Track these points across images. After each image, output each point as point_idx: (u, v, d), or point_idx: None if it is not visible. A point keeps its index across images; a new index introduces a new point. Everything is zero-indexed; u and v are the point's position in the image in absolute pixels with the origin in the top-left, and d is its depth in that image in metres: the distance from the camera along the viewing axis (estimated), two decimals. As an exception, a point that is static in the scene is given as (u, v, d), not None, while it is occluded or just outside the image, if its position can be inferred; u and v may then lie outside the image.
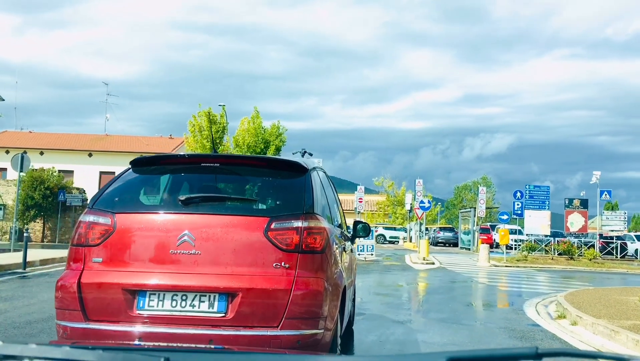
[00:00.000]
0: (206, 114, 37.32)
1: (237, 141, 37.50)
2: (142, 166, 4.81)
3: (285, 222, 4.17)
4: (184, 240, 4.10)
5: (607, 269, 25.40)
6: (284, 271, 4.05)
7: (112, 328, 3.98)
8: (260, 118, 38.17)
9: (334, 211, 5.60)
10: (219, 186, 4.84)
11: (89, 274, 4.12)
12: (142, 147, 53.32)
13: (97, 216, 4.26)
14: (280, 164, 4.82)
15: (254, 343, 3.90)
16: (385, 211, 67.81)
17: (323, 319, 4.09)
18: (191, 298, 4.00)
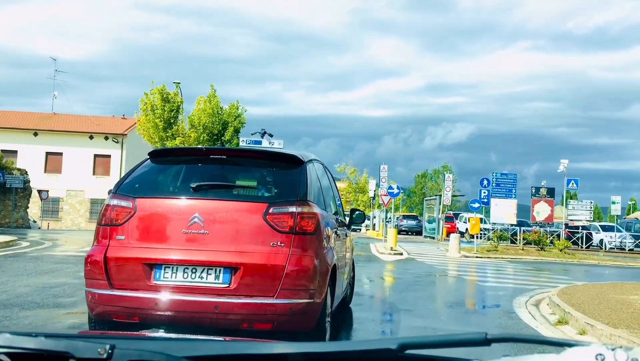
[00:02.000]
0: (159, 91, 34.92)
1: (193, 121, 35.26)
2: (159, 156, 5.56)
3: (282, 207, 4.85)
4: (194, 222, 4.79)
5: (578, 260, 24.36)
6: (279, 250, 4.73)
7: (132, 294, 4.69)
8: (217, 97, 35.99)
9: (328, 199, 6.23)
10: (225, 175, 5.40)
11: (114, 250, 4.81)
12: (92, 127, 50.40)
13: (120, 200, 4.94)
14: (280, 156, 5.47)
15: (254, 309, 4.63)
16: (346, 198, 66.50)
17: (313, 291, 4.78)
18: (200, 271, 4.70)
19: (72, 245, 20.00)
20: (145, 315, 4.77)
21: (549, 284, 13.52)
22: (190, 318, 4.75)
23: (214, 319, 4.69)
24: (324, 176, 6.53)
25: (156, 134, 34.75)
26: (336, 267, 5.70)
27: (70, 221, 48.55)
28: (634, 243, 37.44)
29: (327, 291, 5.19)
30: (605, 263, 23.97)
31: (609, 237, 38.06)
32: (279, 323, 4.73)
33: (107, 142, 49.45)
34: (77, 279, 10.12)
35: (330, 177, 7.15)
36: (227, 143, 35.08)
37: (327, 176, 6.82)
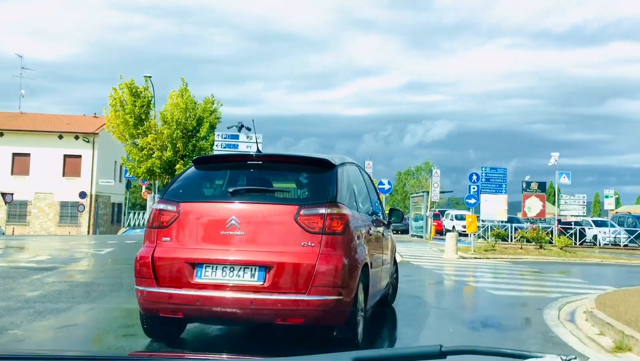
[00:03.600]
0: (128, 86, 32.64)
1: (165, 117, 33.01)
2: (201, 163, 6.13)
3: (312, 209, 5.25)
4: (231, 224, 5.24)
5: (580, 259, 22.80)
6: (310, 249, 5.13)
7: (177, 291, 5.14)
8: (189, 91, 33.76)
9: (363, 200, 6.63)
10: (261, 180, 5.78)
11: (160, 250, 5.28)
12: (61, 126, 47.87)
13: (166, 205, 5.46)
14: (312, 161, 5.86)
15: (287, 305, 5.01)
16: (328, 196, 64.75)
17: (342, 288, 5.13)
18: (237, 269, 5.14)
19: (26, 253, 17.79)
20: (188, 311, 5.21)
21: (570, 290, 11.84)
22: (229, 313, 5.14)
23: (251, 314, 5.09)
24: (359, 178, 6.86)
25: (126, 131, 32.51)
26: (368, 265, 5.89)
27: (38, 225, 46.03)
28: (628, 238, 36.11)
29: (358, 288, 5.45)
30: (609, 262, 22.58)
31: (602, 233, 36.70)
32: (310, 318, 5.08)
33: (77, 142, 47.04)
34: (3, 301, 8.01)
35: (367, 179, 7.51)
36: (203, 140, 32.95)
37: (362, 178, 7.14)
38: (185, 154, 33.21)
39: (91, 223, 46.30)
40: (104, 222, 48.56)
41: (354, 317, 5.43)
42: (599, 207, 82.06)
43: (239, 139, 22.86)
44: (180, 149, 32.70)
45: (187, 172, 5.98)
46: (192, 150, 33.29)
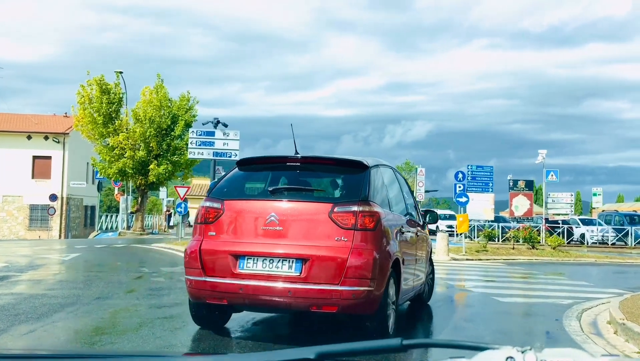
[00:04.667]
0: (97, 82, 31.02)
1: (137, 115, 31.45)
2: (244, 165, 6.57)
3: (345, 207, 5.65)
4: (271, 220, 5.69)
5: (574, 259, 21.83)
6: (343, 244, 5.52)
7: (221, 281, 5.65)
8: (165, 88, 32.24)
9: (396, 201, 7.01)
10: (299, 179, 6.23)
11: (207, 243, 5.81)
12: (30, 126, 45.76)
13: (212, 202, 5.97)
14: (347, 162, 6.28)
15: (321, 294, 5.43)
16: (309, 197, 63.46)
17: (372, 280, 5.52)
18: (276, 261, 5.59)
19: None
20: (232, 298, 5.73)
21: (579, 295, 10.81)
22: (269, 301, 5.65)
23: (288, 302, 5.57)
24: (393, 179, 7.19)
25: (96, 130, 30.92)
26: (400, 261, 6.26)
27: (7, 229, 43.97)
28: (615, 236, 35.38)
29: (389, 282, 5.88)
30: (603, 261, 21.65)
31: (590, 231, 35.89)
32: (343, 307, 5.51)
33: (47, 143, 45.05)
34: None
35: (402, 181, 7.82)
36: (178, 139, 31.45)
37: (397, 179, 7.45)
38: (159, 153, 31.72)
39: (63, 226, 44.38)
40: (77, 225, 46.66)
41: (385, 309, 5.83)
42: (580, 205, 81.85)
43: (215, 136, 21.45)
44: (154, 148, 31.20)
45: (231, 172, 6.49)
46: (166, 149, 31.82)
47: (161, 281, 10.90)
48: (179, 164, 32.43)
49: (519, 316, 8.47)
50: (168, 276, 11.80)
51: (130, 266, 14.21)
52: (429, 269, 8.78)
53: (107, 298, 8.68)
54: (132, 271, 12.87)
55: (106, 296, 8.92)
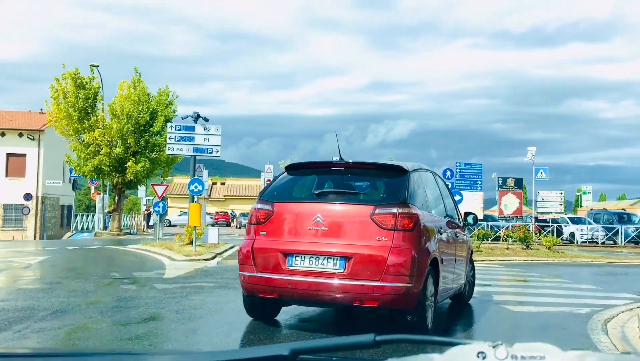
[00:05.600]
0: (72, 76, 29.61)
1: (114, 110, 30.08)
2: (292, 169, 7.09)
3: (385, 208, 6.05)
4: (317, 220, 6.14)
5: (570, 259, 21.07)
6: (383, 243, 5.94)
7: (272, 276, 6.16)
8: (143, 82, 30.89)
9: (436, 203, 7.48)
10: (343, 183, 6.69)
11: (258, 242, 6.32)
12: (4, 123, 43.98)
13: (263, 205, 6.49)
14: (388, 167, 6.76)
15: (364, 290, 5.87)
16: (292, 196, 62.31)
17: (411, 277, 5.91)
18: (322, 259, 6.05)
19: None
20: (281, 292, 6.19)
21: (593, 301, 9.93)
22: (315, 295, 6.10)
23: (333, 296, 6.00)
24: (432, 183, 7.68)
25: (70, 126, 29.49)
26: (438, 261, 6.65)
27: (-20, 230, 42.30)
28: (605, 235, 34.75)
29: (427, 279, 6.26)
30: (599, 262, 20.95)
31: (579, 230, 35.22)
32: (383, 302, 5.92)
33: (21, 140, 43.48)
34: None
35: (442, 185, 8.34)
36: (157, 135, 30.13)
37: (437, 183, 7.95)
38: (137, 150, 30.37)
39: (38, 226, 42.80)
40: (53, 225, 45.08)
41: (423, 304, 6.17)
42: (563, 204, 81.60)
43: (195, 131, 20.25)
44: (131, 145, 29.85)
45: (280, 177, 7.01)
46: (144, 146, 30.47)
47: (131, 290, 9.74)
48: (158, 162, 31.13)
49: (539, 331, 7.46)
50: (140, 283, 10.64)
51: (100, 271, 12.99)
52: (469, 270, 9.10)
53: (65, 312, 7.52)
54: (101, 276, 11.68)
55: (65, 309, 7.75)
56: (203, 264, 15.04)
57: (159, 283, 10.68)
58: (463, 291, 8.82)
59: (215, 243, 20.62)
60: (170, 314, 7.48)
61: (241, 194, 71.99)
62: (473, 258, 9.66)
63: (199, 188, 18.13)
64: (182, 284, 10.46)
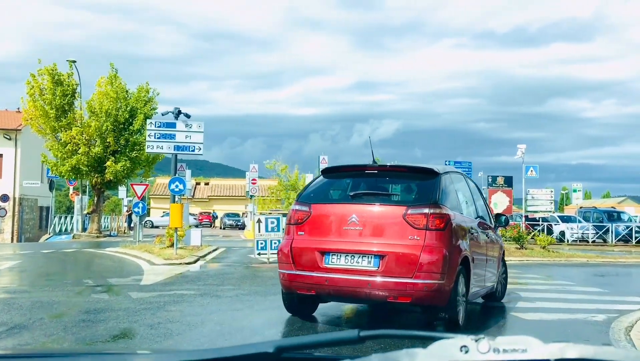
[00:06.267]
0: (49, 72, 28.46)
1: (92, 107, 28.96)
2: (327, 173, 7.51)
3: (417, 209, 6.35)
4: (352, 221, 6.43)
5: (566, 259, 20.42)
6: (416, 242, 6.22)
7: (310, 274, 6.48)
8: (119, 78, 29.77)
9: (466, 205, 7.66)
10: (376, 185, 6.98)
11: (296, 242, 6.66)
12: (-21, 122, 42.85)
13: (300, 206, 6.82)
14: (420, 170, 7.04)
15: (397, 286, 6.17)
16: (277, 196, 61.25)
17: (442, 275, 6.16)
18: (357, 257, 6.33)
19: None
20: (319, 289, 6.50)
21: (605, 306, 9.25)
22: (351, 292, 6.40)
23: (368, 293, 6.27)
24: (463, 185, 7.90)
25: (47, 124, 28.32)
26: (469, 259, 6.86)
27: (-46, 233, 40.85)
28: (596, 234, 34.31)
29: (459, 277, 6.49)
30: (595, 261, 20.37)
31: (570, 229, 34.71)
32: (416, 298, 6.20)
33: (-3, 140, 42.09)
34: None
35: (474, 187, 8.59)
36: (137, 134, 29.07)
37: (467, 185, 8.16)
38: (117, 149, 29.26)
39: (15, 229, 41.45)
40: (31, 227, 43.72)
41: (455, 301, 6.40)
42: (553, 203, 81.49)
43: (176, 128, 19.28)
44: (110, 143, 28.74)
45: (317, 180, 7.34)
46: (124, 145, 29.36)
47: (103, 300, 8.81)
48: (138, 161, 30.04)
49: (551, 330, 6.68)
50: (114, 292, 9.70)
51: (72, 277, 12.00)
52: (501, 269, 9.21)
53: (24, 328, 6.59)
54: (73, 283, 10.72)
55: (25, 324, 6.82)
56: (185, 268, 14.12)
57: (134, 290, 9.75)
58: (495, 291, 8.95)
59: (199, 245, 19.67)
60: (144, 330, 6.57)
61: (225, 194, 70.89)
62: (505, 258, 9.82)
63: (180, 187, 17.18)
64: (160, 292, 9.54)
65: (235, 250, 20.97)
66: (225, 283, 11.10)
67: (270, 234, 15.40)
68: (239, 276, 12.32)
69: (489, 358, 1.01)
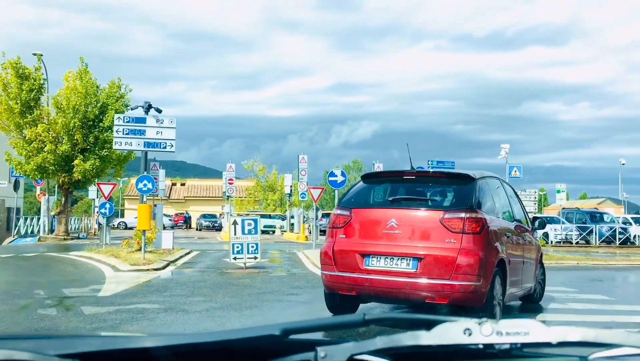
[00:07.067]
0: (12, 66, 26.91)
1: (59, 103, 27.47)
2: (367, 178, 7.79)
3: (454, 213, 6.58)
4: (391, 224, 6.68)
5: (556, 262, 19.67)
6: (452, 245, 6.45)
7: (351, 275, 6.75)
8: (90, 73, 28.31)
9: (503, 208, 7.93)
10: (414, 190, 7.22)
11: (338, 244, 6.94)
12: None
13: (341, 210, 7.14)
14: (456, 175, 7.45)
15: (435, 288, 6.43)
16: (255, 197, 59.99)
17: (478, 276, 6.38)
18: (396, 259, 6.59)
19: None
20: (360, 289, 6.78)
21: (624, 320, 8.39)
22: (390, 293, 6.70)
23: (407, 294, 6.58)
24: (499, 190, 8.06)
25: (11, 120, 26.78)
26: (505, 262, 7.06)
27: None
28: (579, 235, 33.76)
29: (495, 279, 6.70)
30: (586, 264, 19.83)
31: (553, 230, 34.05)
32: (453, 299, 6.41)
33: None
34: None
35: (510, 191, 8.78)
36: (107, 131, 27.60)
37: (504, 190, 8.34)
38: (86, 147, 27.79)
39: (-20, 231, 39.58)
40: (-3, 230, 41.87)
41: (491, 302, 6.68)
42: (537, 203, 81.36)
43: (146, 124, 18.01)
44: (79, 141, 27.27)
45: (357, 185, 7.68)
46: (93, 143, 27.89)
47: (49, 316, 7.57)
48: (109, 160, 28.58)
49: None
50: (65, 306, 8.45)
51: (22, 287, 10.66)
52: (539, 272, 9.35)
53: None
54: (20, 295, 9.43)
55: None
56: (153, 275, 12.89)
57: (89, 304, 8.51)
58: (533, 293, 9.03)
59: (170, 249, 18.41)
60: None
61: (202, 195, 69.40)
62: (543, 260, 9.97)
63: (148, 186, 15.91)
64: (119, 306, 8.31)
65: (210, 253, 19.73)
66: (195, 293, 9.91)
67: (247, 237, 14.20)
68: (212, 285, 11.14)
69: (491, 340, 1.02)
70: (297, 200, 38.68)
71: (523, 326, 1.01)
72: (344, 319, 1.19)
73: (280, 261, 17.53)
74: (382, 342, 1.06)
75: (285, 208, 48.47)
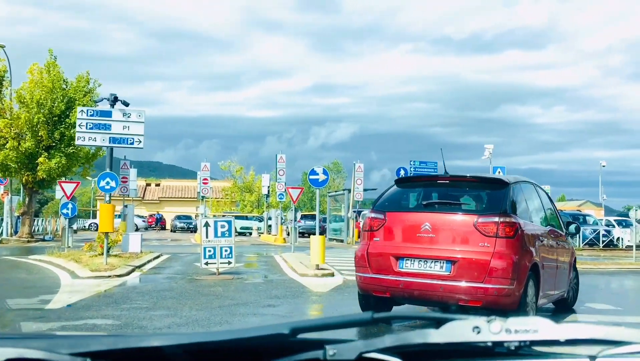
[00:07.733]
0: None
1: (22, 97, 25.92)
2: (401, 182, 8.12)
3: (488, 218, 6.67)
4: (425, 228, 6.81)
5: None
6: (486, 249, 6.55)
7: (385, 277, 6.92)
8: (58, 67, 26.82)
9: (537, 213, 8.06)
10: (448, 195, 7.41)
11: (372, 247, 7.11)
12: None
13: (376, 214, 7.26)
14: (490, 180, 7.81)
15: (468, 291, 6.51)
16: (232, 198, 58.62)
17: (512, 280, 6.45)
18: (429, 262, 6.71)
19: None
20: (393, 291, 6.93)
21: None
22: (423, 295, 6.84)
23: (440, 296, 6.70)
24: (533, 194, 8.21)
25: (-30, 115, 25.18)
26: (538, 266, 7.09)
27: None
28: (563, 237, 33.04)
29: (528, 283, 6.75)
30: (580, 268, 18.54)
31: (537, 232, 33.43)
32: (486, 302, 6.45)
33: None
34: None
35: (544, 196, 8.81)
36: (74, 127, 26.08)
37: (537, 194, 8.42)
38: (51, 144, 26.30)
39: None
40: (-40, 231, 39.94)
41: (524, 306, 6.70)
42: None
43: (112, 118, 16.69)
44: (43, 137, 25.77)
45: (391, 189, 7.74)
46: (59, 139, 26.41)
47: (-24, 337, 6.30)
48: (76, 157, 27.12)
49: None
50: (4, 322, 7.21)
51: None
52: (572, 276, 9.31)
53: None
54: (-46, 308, 8.13)
55: None
56: (115, 282, 11.63)
57: (31, 319, 7.29)
58: (567, 297, 9.04)
59: (137, 253, 17.11)
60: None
61: (177, 196, 67.78)
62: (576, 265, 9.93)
63: (111, 184, 14.63)
64: (65, 322, 7.08)
65: (181, 257, 18.44)
66: (158, 305, 8.70)
67: (221, 240, 13.00)
68: (179, 294, 9.93)
69: (500, 338, 1.02)
70: (274, 201, 37.45)
71: (532, 323, 1.02)
72: (353, 318, 1.21)
73: (257, 266, 16.31)
74: (391, 340, 1.08)
75: (262, 209, 47.21)
